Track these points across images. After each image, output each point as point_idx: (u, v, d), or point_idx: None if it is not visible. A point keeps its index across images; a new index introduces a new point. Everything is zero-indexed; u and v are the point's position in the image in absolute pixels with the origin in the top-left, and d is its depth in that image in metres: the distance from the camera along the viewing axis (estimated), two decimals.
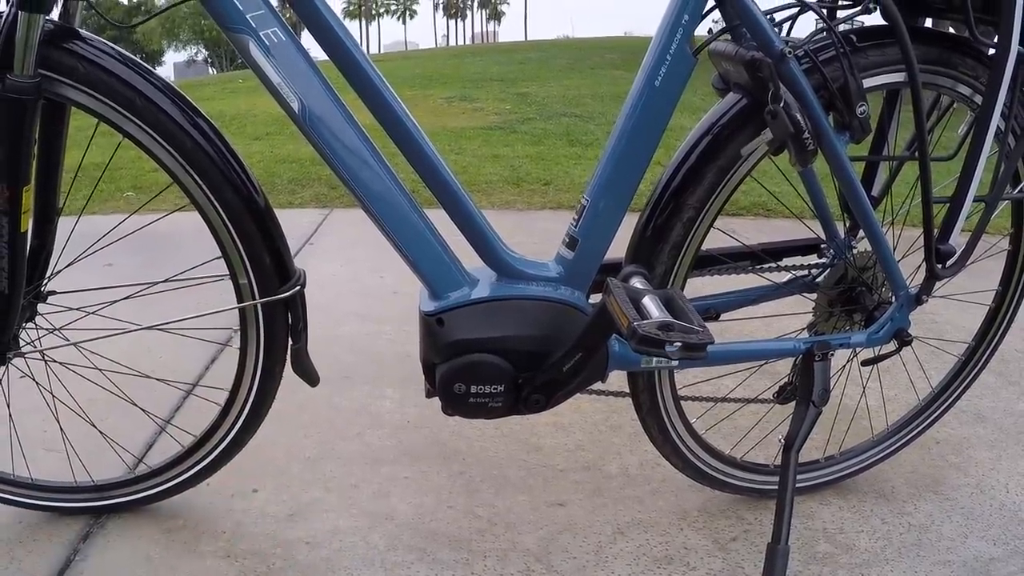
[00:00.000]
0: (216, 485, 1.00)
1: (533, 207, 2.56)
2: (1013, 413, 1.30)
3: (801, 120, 0.70)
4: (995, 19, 0.76)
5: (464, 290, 0.71)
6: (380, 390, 1.29)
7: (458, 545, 0.92)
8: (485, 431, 1.17)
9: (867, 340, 0.89)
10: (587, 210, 0.73)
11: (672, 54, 0.69)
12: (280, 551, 0.91)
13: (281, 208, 2.51)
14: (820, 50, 0.76)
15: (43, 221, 0.88)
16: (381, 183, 0.67)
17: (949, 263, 0.86)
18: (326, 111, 0.65)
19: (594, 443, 1.16)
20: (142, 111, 0.74)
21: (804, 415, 0.84)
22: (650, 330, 0.55)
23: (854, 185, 0.80)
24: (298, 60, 0.65)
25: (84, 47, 0.74)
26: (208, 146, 0.76)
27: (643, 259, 0.78)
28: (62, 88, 0.74)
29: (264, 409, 0.90)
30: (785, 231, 1.02)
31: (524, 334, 0.70)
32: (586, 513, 0.99)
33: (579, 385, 0.74)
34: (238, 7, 0.63)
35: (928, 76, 0.82)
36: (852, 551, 0.94)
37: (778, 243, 0.95)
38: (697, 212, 0.77)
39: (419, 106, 4.99)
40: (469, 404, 0.72)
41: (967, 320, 1.09)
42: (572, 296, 0.73)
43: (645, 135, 0.72)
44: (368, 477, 1.06)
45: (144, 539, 0.92)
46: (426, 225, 0.70)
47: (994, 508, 1.04)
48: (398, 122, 0.67)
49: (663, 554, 0.92)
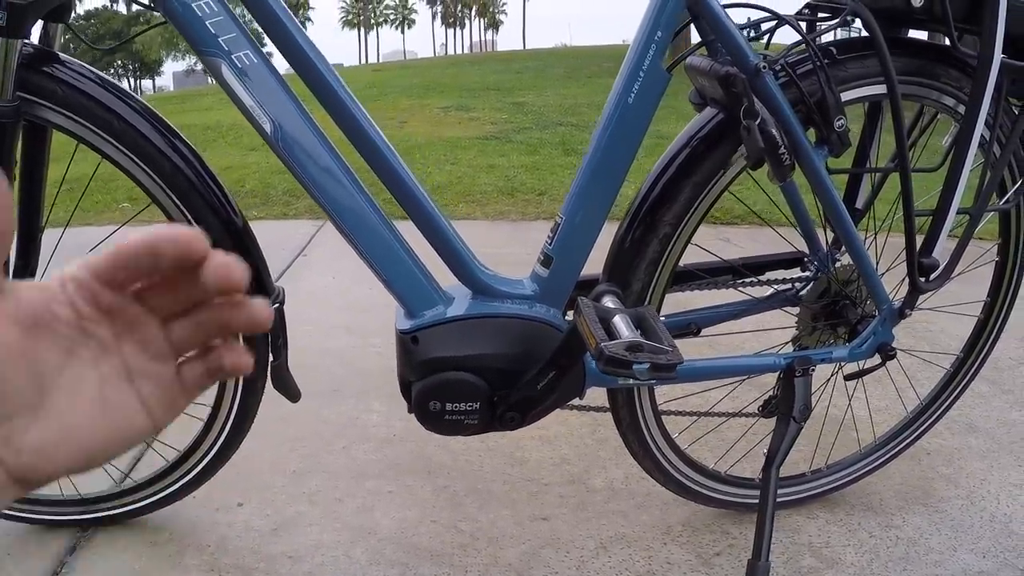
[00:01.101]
0: (202, 498, 1.00)
1: (527, 217, 2.56)
2: (1006, 423, 1.29)
3: (776, 135, 0.70)
4: (977, 28, 0.76)
5: (439, 308, 0.71)
6: (367, 404, 1.29)
7: (440, 560, 0.92)
8: (471, 445, 1.17)
9: (849, 355, 0.89)
10: (562, 227, 0.73)
11: (645, 70, 0.70)
12: (263, 565, 0.91)
13: (276, 219, 2.52)
14: (798, 63, 0.76)
15: (27, 240, 0.89)
16: (354, 202, 0.68)
17: (932, 276, 0.85)
18: (298, 132, 0.66)
19: (580, 457, 1.15)
20: (120, 133, 0.75)
21: (785, 431, 0.83)
22: (617, 351, 0.55)
23: (833, 199, 0.80)
24: (270, 82, 0.66)
25: (63, 70, 0.74)
26: (186, 167, 0.77)
27: (619, 275, 0.78)
28: (41, 110, 0.75)
29: (246, 424, 0.90)
30: (779, 241, 1.01)
31: (498, 352, 0.70)
32: (569, 527, 0.99)
33: (555, 402, 0.74)
34: (210, 30, 0.64)
35: (910, 87, 0.82)
36: (838, 565, 0.93)
37: (760, 257, 0.94)
38: (674, 228, 0.77)
39: (415, 116, 5.01)
40: (445, 421, 0.72)
41: (961, 329, 1.08)
42: (547, 314, 0.73)
43: (619, 151, 0.72)
44: (352, 491, 1.06)
45: (130, 552, 0.92)
46: (400, 244, 0.70)
47: (984, 520, 1.03)
48: (365, 136, 0.67)
49: (646, 569, 0.92)
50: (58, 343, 0.28)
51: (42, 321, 0.27)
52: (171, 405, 0.30)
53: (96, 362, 0.29)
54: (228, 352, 0.31)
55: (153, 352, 0.30)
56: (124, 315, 0.29)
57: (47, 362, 0.28)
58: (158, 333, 0.30)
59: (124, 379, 0.29)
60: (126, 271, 0.29)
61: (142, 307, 0.30)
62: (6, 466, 0.27)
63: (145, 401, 0.30)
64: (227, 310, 0.31)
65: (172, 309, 0.30)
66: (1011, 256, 0.98)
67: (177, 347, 0.31)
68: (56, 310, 0.28)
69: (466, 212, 2.61)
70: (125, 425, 0.29)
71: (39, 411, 0.27)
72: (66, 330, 0.28)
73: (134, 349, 0.30)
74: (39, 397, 0.27)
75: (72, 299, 0.28)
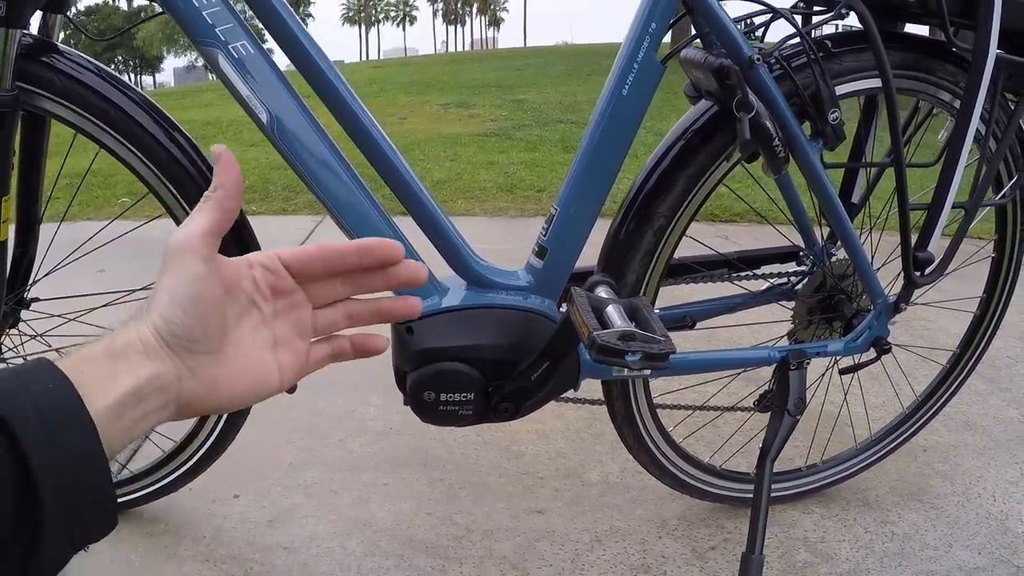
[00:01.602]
0: (198, 490, 1.01)
1: (526, 214, 2.56)
2: (1002, 420, 1.29)
3: (770, 127, 0.70)
4: (972, 22, 0.76)
5: (434, 299, 0.71)
6: (364, 396, 1.29)
7: (435, 552, 0.92)
8: (467, 438, 1.17)
9: (844, 349, 0.89)
10: (556, 219, 0.73)
11: (639, 62, 0.70)
12: (258, 556, 0.91)
13: (275, 215, 2.52)
14: (793, 56, 0.76)
15: (25, 230, 0.90)
16: (350, 194, 0.68)
17: (928, 270, 0.85)
18: (294, 122, 0.66)
19: (575, 450, 1.16)
20: (117, 123, 0.75)
21: (779, 424, 0.83)
22: (610, 340, 0.55)
23: (828, 193, 0.80)
24: (267, 72, 0.66)
25: (61, 60, 0.75)
26: (184, 158, 0.77)
27: (614, 267, 0.78)
28: (40, 100, 0.75)
29: (241, 416, 0.91)
30: (778, 238, 1.01)
31: (493, 343, 0.70)
32: (564, 521, 0.99)
33: (549, 394, 0.74)
34: (207, 20, 0.64)
35: (905, 81, 0.82)
36: (833, 560, 0.94)
37: (756, 251, 0.94)
38: (668, 220, 0.77)
39: (416, 112, 5.01)
40: (439, 412, 0.72)
41: (958, 327, 1.08)
42: (542, 305, 0.73)
43: (613, 144, 0.72)
44: (348, 484, 1.06)
45: (125, 543, 0.92)
46: (396, 235, 0.70)
47: (980, 517, 1.03)
48: (365, 132, 0.67)
49: (640, 562, 0.92)
50: (236, 307, 0.35)
51: (233, 288, 0.35)
52: (298, 374, 0.38)
53: (255, 328, 0.36)
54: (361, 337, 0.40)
55: (299, 330, 0.38)
56: (289, 298, 0.37)
57: (231, 318, 0.35)
58: (308, 316, 0.38)
59: (271, 347, 0.37)
60: (324, 265, 0.37)
61: (305, 294, 0.38)
62: (183, 391, 0.33)
63: (281, 367, 0.37)
64: (390, 304, 0.39)
65: (328, 299, 0.38)
66: (1007, 252, 0.98)
67: (317, 329, 0.38)
68: (242, 283, 0.36)
69: (465, 208, 2.61)
70: (263, 381, 0.36)
71: (219, 354, 0.34)
72: (244, 300, 0.36)
73: (285, 325, 0.37)
74: (221, 343, 0.34)
75: (255, 277, 0.36)
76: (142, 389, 0.31)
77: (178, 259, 0.33)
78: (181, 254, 0.33)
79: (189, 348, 0.33)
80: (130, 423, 0.31)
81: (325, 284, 0.38)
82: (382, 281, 0.38)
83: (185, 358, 0.33)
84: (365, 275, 0.38)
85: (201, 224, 0.33)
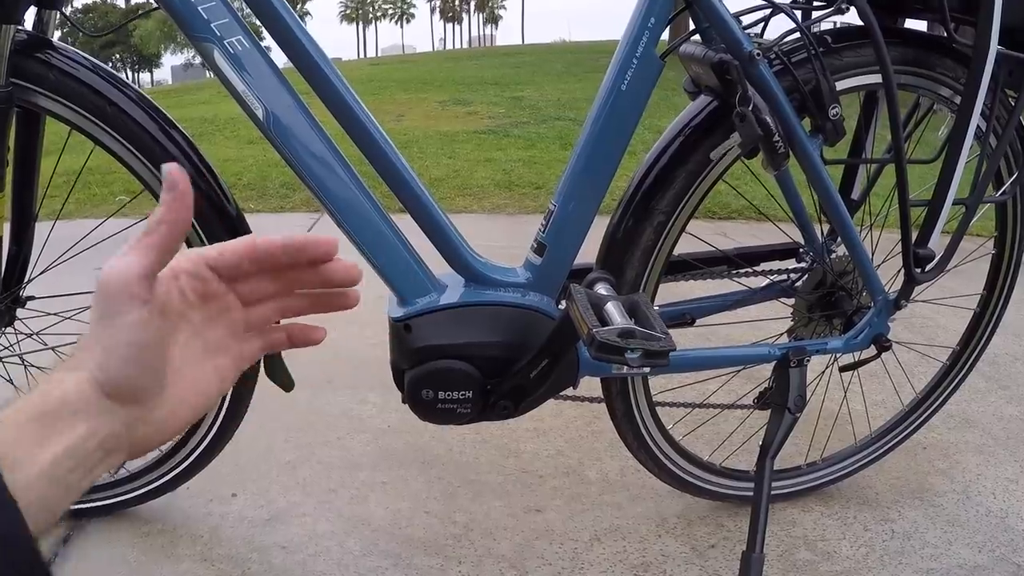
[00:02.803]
0: (196, 489, 1.00)
1: (524, 211, 2.56)
2: (1003, 418, 1.29)
3: (770, 123, 0.70)
4: (973, 18, 0.75)
5: (432, 296, 0.71)
6: (362, 395, 1.28)
7: (433, 551, 0.92)
8: (465, 436, 1.17)
9: (844, 346, 0.88)
10: (555, 215, 0.73)
11: (638, 57, 0.69)
12: (256, 556, 0.90)
13: (272, 212, 2.51)
14: (793, 52, 0.75)
15: (20, 227, 0.89)
16: (346, 189, 0.67)
17: (928, 267, 0.85)
18: (290, 117, 0.65)
19: (574, 448, 1.15)
20: (113, 120, 0.74)
21: (779, 422, 0.83)
22: (609, 337, 0.55)
23: (828, 189, 0.79)
24: (263, 68, 0.65)
25: (56, 56, 0.74)
26: (179, 155, 0.76)
27: (614, 264, 0.77)
28: (34, 96, 0.74)
29: (239, 414, 0.90)
30: (778, 236, 1.01)
31: (491, 340, 0.70)
32: (563, 519, 0.99)
33: (548, 391, 0.74)
34: (202, 15, 0.63)
35: (906, 77, 0.81)
36: (833, 558, 0.93)
37: (755, 247, 0.94)
38: (668, 216, 0.76)
39: (413, 110, 5.00)
40: (437, 410, 0.71)
41: (958, 325, 1.07)
42: (540, 302, 0.72)
43: (612, 140, 0.71)
44: (346, 482, 1.05)
45: (123, 543, 0.92)
46: (393, 231, 0.69)
47: (980, 515, 1.02)
48: (363, 129, 0.67)
49: (640, 561, 0.92)
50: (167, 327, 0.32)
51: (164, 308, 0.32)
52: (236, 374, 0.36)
53: (187, 342, 0.33)
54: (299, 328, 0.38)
55: (231, 331, 0.35)
56: (219, 302, 0.35)
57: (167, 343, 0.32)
58: (240, 316, 0.36)
59: (206, 355, 0.34)
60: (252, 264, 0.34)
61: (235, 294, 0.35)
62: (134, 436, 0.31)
63: (219, 373, 0.35)
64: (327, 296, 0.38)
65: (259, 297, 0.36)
66: (1007, 248, 0.98)
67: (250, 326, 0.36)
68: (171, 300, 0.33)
69: (463, 205, 2.61)
70: (207, 394, 0.34)
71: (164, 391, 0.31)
72: (174, 316, 0.33)
73: (217, 329, 0.35)
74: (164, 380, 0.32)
75: (183, 288, 0.33)
76: (78, 448, 0.28)
77: (114, 305, 0.29)
78: (117, 299, 0.29)
79: (135, 398, 0.30)
80: (74, 480, 0.28)
81: (255, 282, 0.36)
82: (315, 279, 0.36)
83: (132, 409, 0.30)
84: (297, 272, 0.36)
85: (139, 265, 0.29)
